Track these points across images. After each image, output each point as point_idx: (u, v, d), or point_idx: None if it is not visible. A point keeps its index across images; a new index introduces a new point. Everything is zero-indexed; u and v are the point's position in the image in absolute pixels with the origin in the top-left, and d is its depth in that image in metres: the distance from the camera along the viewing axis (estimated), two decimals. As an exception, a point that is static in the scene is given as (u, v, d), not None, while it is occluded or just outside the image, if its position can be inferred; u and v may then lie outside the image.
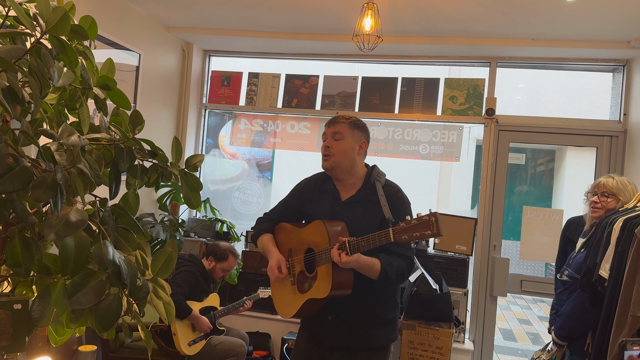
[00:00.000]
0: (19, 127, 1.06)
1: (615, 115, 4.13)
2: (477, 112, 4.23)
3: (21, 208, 1.05)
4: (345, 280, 2.02)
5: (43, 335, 2.53)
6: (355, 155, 2.15)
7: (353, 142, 2.14)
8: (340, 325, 2.13)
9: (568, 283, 2.67)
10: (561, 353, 2.67)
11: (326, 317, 2.14)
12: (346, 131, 2.13)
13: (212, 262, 3.60)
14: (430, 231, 1.82)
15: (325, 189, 2.22)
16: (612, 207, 2.57)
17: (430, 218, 1.82)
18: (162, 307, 1.26)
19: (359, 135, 2.17)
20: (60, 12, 1.10)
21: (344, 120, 2.16)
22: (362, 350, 2.14)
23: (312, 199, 2.24)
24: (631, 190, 2.58)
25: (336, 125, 2.14)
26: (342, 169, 2.15)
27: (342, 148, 2.12)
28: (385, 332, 2.17)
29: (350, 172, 2.17)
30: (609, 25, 3.50)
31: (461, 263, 3.90)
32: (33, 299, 1.08)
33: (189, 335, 3.31)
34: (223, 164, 5.03)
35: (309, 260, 2.14)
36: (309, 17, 3.84)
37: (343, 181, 2.19)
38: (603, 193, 2.61)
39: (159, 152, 1.39)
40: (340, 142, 2.12)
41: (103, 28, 3.54)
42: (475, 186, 4.57)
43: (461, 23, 3.71)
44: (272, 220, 2.34)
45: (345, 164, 2.14)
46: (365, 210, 2.13)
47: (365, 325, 2.13)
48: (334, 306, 2.10)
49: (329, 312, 2.13)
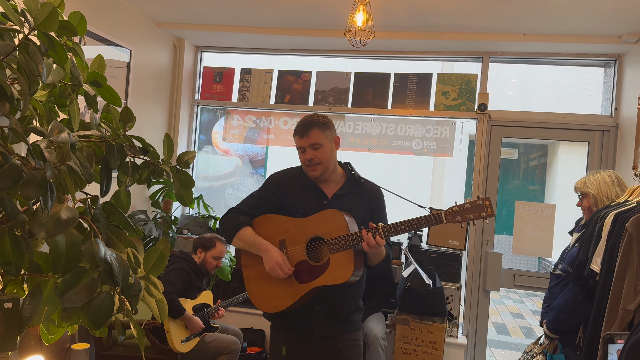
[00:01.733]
0: (8, 125, 1.05)
1: (607, 110, 4.16)
2: (469, 108, 4.24)
3: (11, 206, 1.04)
4: (361, 267, 2.12)
5: (35, 333, 2.51)
6: (335, 153, 2.23)
7: (330, 144, 2.19)
8: (327, 315, 2.19)
9: (561, 277, 2.69)
10: (553, 346, 2.69)
11: (314, 308, 2.17)
12: (321, 137, 2.16)
13: (202, 253, 3.59)
14: (485, 212, 2.01)
15: (304, 184, 2.25)
16: (588, 205, 2.64)
17: (484, 202, 2.02)
18: (155, 304, 1.25)
19: (331, 134, 2.21)
20: (49, 8, 1.09)
21: (314, 127, 2.16)
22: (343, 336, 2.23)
23: (293, 193, 2.25)
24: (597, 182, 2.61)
25: (310, 136, 2.15)
26: (330, 171, 2.21)
27: (324, 154, 2.16)
28: (359, 317, 2.31)
29: (334, 170, 2.24)
30: (600, 20, 3.51)
31: (454, 258, 3.91)
32: (24, 298, 1.07)
33: (182, 333, 3.31)
34: (216, 160, 5.02)
35: (314, 249, 2.15)
36: (301, 12, 3.83)
37: (327, 180, 2.23)
38: (579, 195, 2.72)
39: (150, 149, 1.39)
40: (320, 150, 2.15)
41: (93, 24, 3.51)
42: (468, 181, 4.59)
43: (453, 18, 3.71)
44: (245, 214, 2.27)
45: (331, 166, 2.21)
46: (353, 203, 2.20)
47: (346, 312, 2.23)
48: (323, 297, 2.15)
49: (318, 303, 2.17)
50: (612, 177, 2.63)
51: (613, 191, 2.56)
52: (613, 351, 1.43)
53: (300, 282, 2.13)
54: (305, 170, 2.22)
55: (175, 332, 3.26)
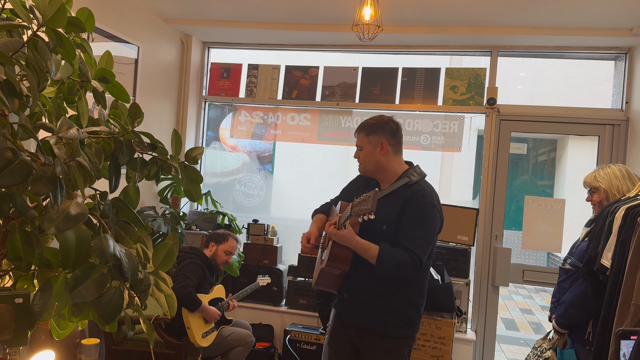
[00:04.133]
0: (18, 121, 1.06)
1: (617, 104, 4.11)
2: (478, 102, 4.21)
3: (21, 202, 1.05)
4: (341, 257, 2.26)
5: (46, 329, 2.54)
6: (378, 157, 2.39)
7: (372, 148, 2.39)
8: (352, 304, 2.39)
9: (570, 271, 2.67)
10: (562, 341, 2.67)
11: (343, 294, 2.42)
12: (363, 141, 2.41)
13: (214, 246, 3.66)
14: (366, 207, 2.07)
15: (371, 182, 2.50)
16: (599, 199, 2.61)
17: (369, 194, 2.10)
18: (164, 299, 1.26)
19: (376, 139, 2.38)
20: (57, 4, 1.09)
21: (360, 131, 2.43)
22: (370, 333, 2.35)
23: (359, 189, 2.49)
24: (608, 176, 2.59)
25: (356, 138, 2.46)
26: (371, 171, 2.44)
27: (364, 156, 2.42)
28: (395, 321, 2.33)
29: (381, 171, 2.42)
30: (611, 12, 3.47)
31: (463, 253, 3.90)
32: (34, 293, 1.08)
33: (202, 327, 3.40)
34: (224, 156, 5.02)
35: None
36: (309, 7, 3.82)
37: (381, 179, 2.46)
38: (589, 190, 2.69)
39: (158, 145, 1.39)
40: (361, 151, 2.43)
41: (101, 21, 3.52)
42: (476, 176, 4.56)
43: (462, 12, 3.68)
44: (329, 204, 2.67)
45: (371, 167, 2.42)
46: (387, 201, 2.34)
47: (376, 310, 2.34)
48: (349, 285, 2.39)
49: (345, 290, 2.41)
50: (622, 171, 2.60)
51: (624, 185, 2.54)
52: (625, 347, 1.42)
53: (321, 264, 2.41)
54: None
55: (196, 328, 3.35)
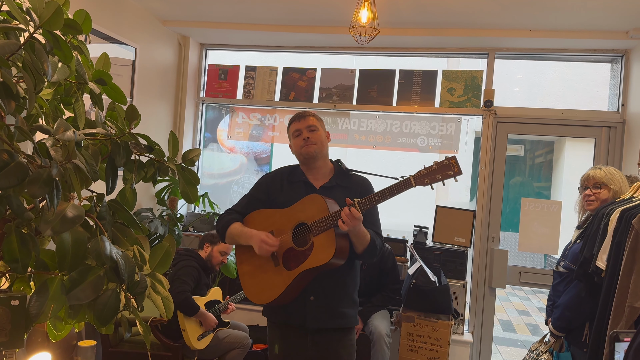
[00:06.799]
0: (14, 123, 1.06)
1: (614, 106, 4.13)
2: (475, 104, 4.23)
3: (17, 204, 1.05)
4: (345, 248, 2.14)
5: (42, 330, 2.53)
6: (327, 143, 2.36)
7: (324, 132, 2.36)
8: (321, 306, 2.23)
9: (564, 274, 2.67)
10: (559, 344, 2.68)
11: (308, 298, 2.23)
12: (317, 123, 2.33)
13: (209, 247, 3.62)
14: (452, 171, 2.00)
15: (294, 179, 2.35)
16: (605, 197, 2.58)
17: (450, 161, 2.02)
18: (161, 301, 1.26)
19: (323, 126, 2.37)
20: (54, 7, 1.09)
21: (311, 116, 2.35)
22: (335, 330, 2.27)
23: (283, 189, 2.35)
24: (619, 179, 2.59)
25: (307, 119, 2.32)
26: (322, 155, 2.33)
27: (319, 137, 2.31)
28: (354, 312, 2.33)
29: (325, 159, 2.36)
30: (607, 15, 3.48)
31: (460, 255, 3.90)
32: (31, 295, 1.08)
33: (197, 330, 3.38)
34: (221, 158, 5.03)
35: (300, 234, 2.20)
36: (306, 9, 3.82)
37: (318, 169, 2.33)
38: (595, 185, 2.62)
39: (155, 147, 1.39)
40: (315, 132, 2.30)
41: (98, 22, 3.51)
42: (473, 178, 4.57)
43: (459, 14, 3.69)
44: (237, 213, 2.37)
45: (324, 151, 2.34)
46: (340, 195, 2.24)
47: (341, 305, 2.26)
48: (315, 286, 2.21)
49: (311, 292, 2.22)
50: (620, 173, 2.62)
51: (626, 187, 2.54)
52: (620, 349, 1.42)
53: (288, 269, 2.18)
54: (300, 151, 2.30)
55: (191, 330, 3.34)
